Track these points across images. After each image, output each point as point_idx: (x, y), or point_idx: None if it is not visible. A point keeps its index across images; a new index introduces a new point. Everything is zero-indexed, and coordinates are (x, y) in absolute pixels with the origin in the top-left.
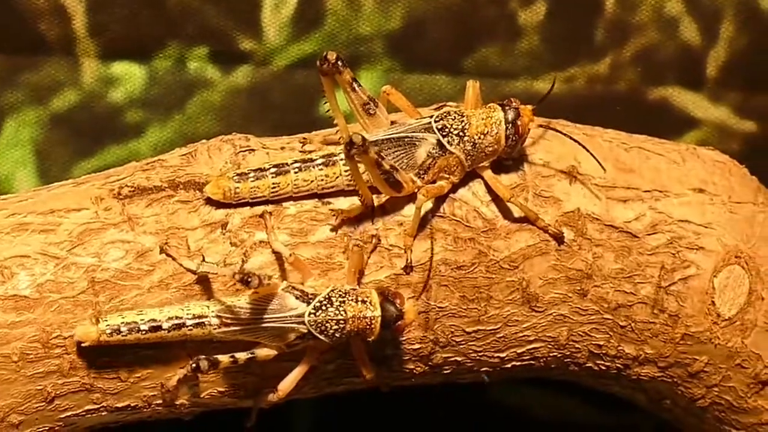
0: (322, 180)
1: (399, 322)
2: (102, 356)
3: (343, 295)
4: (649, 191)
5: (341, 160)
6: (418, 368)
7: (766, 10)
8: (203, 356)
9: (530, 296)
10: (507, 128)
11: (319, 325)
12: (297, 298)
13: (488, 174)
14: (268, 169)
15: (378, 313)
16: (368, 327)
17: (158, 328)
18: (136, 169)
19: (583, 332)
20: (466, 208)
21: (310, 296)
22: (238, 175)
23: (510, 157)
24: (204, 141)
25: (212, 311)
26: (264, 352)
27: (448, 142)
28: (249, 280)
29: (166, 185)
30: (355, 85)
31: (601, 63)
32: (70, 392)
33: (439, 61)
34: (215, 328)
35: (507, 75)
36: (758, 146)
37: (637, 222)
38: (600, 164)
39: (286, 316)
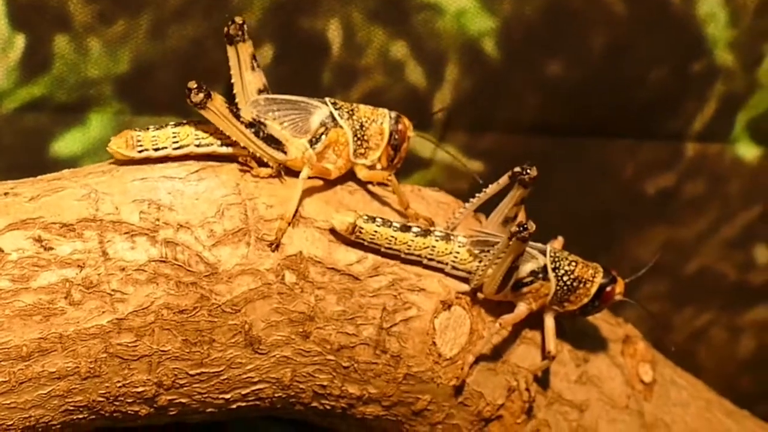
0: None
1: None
2: None
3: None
4: None
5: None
6: (143, 410)
7: (489, 53)
8: None
9: (253, 339)
10: (390, 123)
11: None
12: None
13: (364, 171)
14: (169, 123)
15: None
16: None
17: None
18: None
19: (307, 373)
20: (188, 253)
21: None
22: (139, 129)
23: (394, 166)
24: None
25: None
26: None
27: (339, 115)
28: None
29: None
30: (255, 63)
31: None
32: None
33: (169, 103)
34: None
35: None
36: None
37: (359, 264)
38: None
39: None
